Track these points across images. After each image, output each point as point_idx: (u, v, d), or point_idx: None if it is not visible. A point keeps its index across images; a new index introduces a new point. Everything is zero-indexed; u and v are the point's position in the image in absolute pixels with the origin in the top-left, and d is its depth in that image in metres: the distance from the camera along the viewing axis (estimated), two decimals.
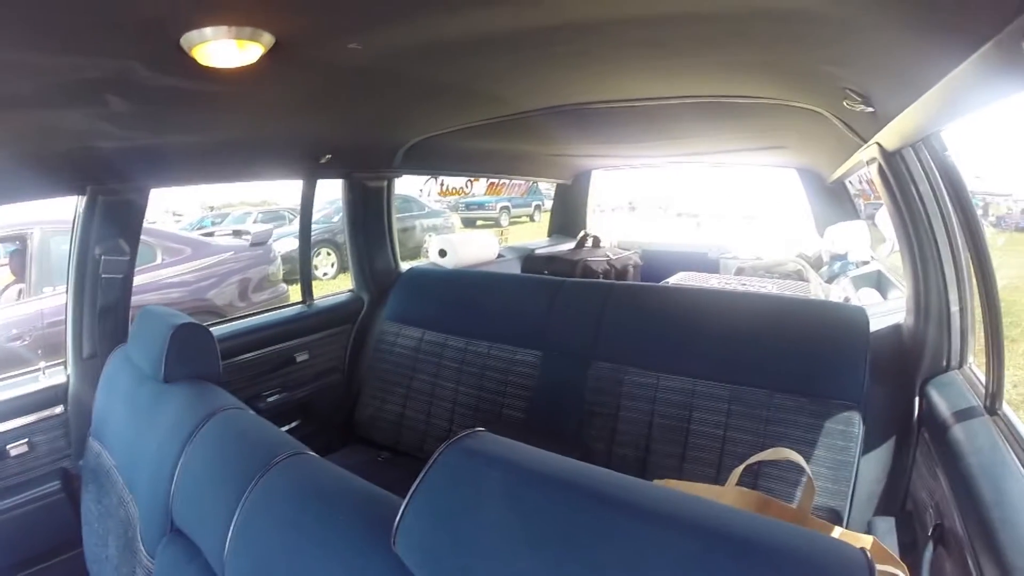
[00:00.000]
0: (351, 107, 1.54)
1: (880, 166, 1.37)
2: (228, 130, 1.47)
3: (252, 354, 1.89)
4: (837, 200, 3.09)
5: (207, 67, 0.95)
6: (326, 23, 0.92)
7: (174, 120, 1.32)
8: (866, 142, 1.47)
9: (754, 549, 0.45)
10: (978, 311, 1.24)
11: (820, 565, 0.43)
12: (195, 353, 1.15)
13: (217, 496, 0.84)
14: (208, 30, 0.85)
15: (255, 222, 8.22)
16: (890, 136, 1.28)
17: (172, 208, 10.81)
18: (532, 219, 12.94)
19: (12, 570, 1.45)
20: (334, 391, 2.16)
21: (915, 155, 1.28)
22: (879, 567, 0.77)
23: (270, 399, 1.90)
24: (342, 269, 7.89)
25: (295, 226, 8.78)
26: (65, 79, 0.97)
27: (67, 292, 1.57)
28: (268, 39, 0.91)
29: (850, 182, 3.02)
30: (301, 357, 2.08)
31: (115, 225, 1.54)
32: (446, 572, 0.55)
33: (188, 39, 0.86)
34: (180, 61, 0.91)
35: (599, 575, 0.47)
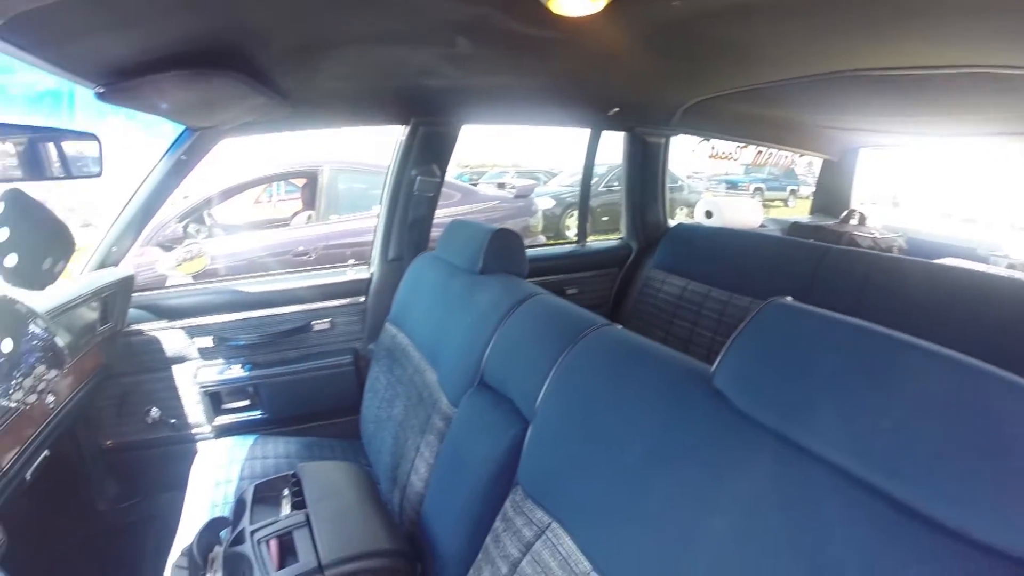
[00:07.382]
0: (642, 64, 1.59)
1: None
2: (537, 76, 1.61)
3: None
4: None
5: (554, 15, 1.03)
6: None
7: (500, 63, 1.47)
8: None
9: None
10: None
11: None
12: (508, 252, 1.36)
13: (530, 359, 0.97)
14: None
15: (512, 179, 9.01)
16: None
17: None
18: (786, 204, 12.08)
19: (300, 420, 1.82)
20: None
21: None
22: None
23: None
24: (593, 232, 8.30)
25: (549, 187, 8.98)
26: (431, 19, 1.10)
27: (381, 204, 1.91)
28: None
29: None
30: (571, 291, 2.26)
31: (430, 152, 1.82)
32: (767, 402, 0.61)
33: None
34: (534, 9, 1.01)
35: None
